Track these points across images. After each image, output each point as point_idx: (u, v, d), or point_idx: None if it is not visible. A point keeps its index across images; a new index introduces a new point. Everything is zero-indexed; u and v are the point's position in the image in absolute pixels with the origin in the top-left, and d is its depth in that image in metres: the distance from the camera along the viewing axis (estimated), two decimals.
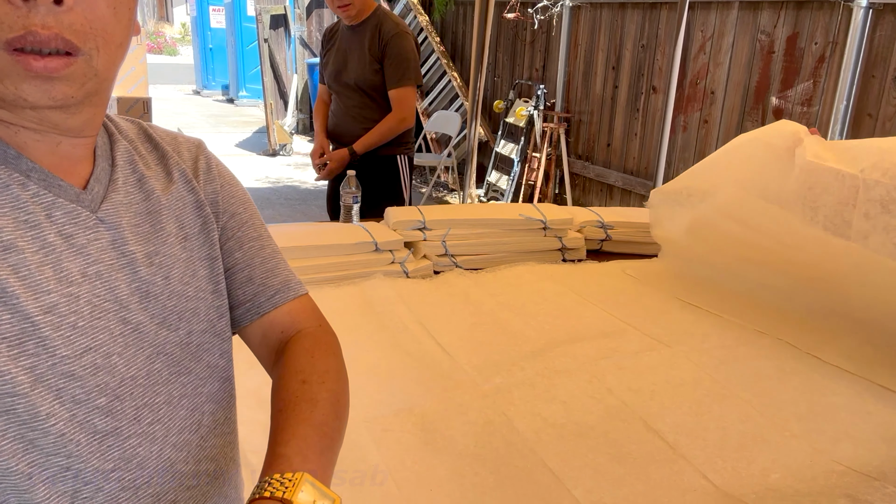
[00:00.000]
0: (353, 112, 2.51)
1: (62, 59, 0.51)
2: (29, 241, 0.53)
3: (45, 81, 0.51)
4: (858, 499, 1.00)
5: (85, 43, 0.52)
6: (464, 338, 1.45)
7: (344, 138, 2.53)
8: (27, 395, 0.50)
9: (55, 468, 0.52)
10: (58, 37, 0.50)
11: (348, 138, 2.51)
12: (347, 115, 2.53)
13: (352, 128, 2.52)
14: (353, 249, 1.73)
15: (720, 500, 1.01)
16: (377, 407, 1.19)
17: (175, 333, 0.63)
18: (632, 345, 1.47)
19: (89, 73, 0.53)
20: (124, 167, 0.63)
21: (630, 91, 4.42)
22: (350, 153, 2.46)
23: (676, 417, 1.21)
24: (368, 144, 2.46)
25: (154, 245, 0.62)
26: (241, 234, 0.72)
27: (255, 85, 10.31)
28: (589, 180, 4.90)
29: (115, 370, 0.57)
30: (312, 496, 0.52)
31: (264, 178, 6.33)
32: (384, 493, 0.99)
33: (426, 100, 6.40)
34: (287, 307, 0.73)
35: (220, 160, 0.76)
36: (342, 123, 2.55)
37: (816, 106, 3.20)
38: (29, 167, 0.54)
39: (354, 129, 2.51)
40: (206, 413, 0.66)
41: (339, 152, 2.48)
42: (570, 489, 1.02)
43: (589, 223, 2.12)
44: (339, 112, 2.57)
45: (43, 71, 0.50)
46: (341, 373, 0.70)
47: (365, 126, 2.48)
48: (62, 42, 0.50)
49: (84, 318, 0.55)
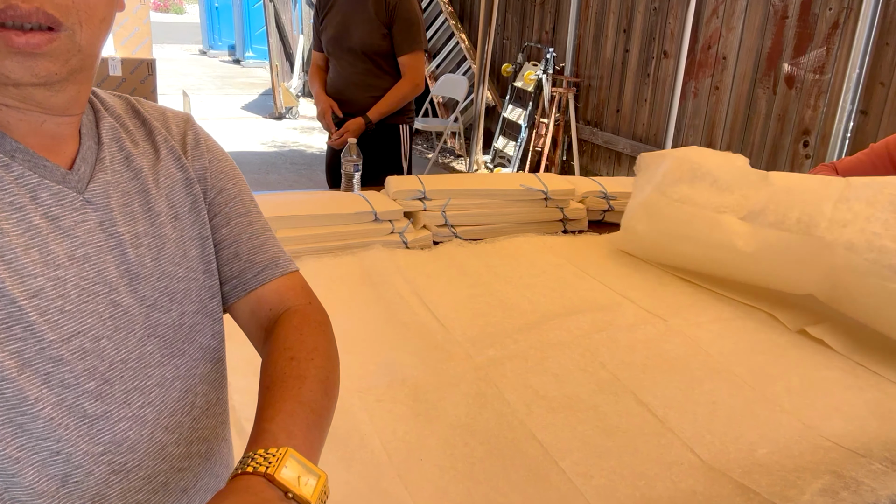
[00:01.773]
0: (357, 79, 2.43)
1: (44, 34, 0.50)
2: (14, 223, 0.52)
3: (27, 58, 0.50)
4: (843, 475, 1.01)
5: (67, 17, 0.51)
6: (459, 309, 1.45)
7: (346, 107, 2.46)
8: (14, 380, 0.50)
9: (45, 452, 0.53)
10: (39, 11, 0.49)
11: (352, 107, 2.44)
12: (351, 83, 2.45)
13: (356, 96, 2.44)
14: (353, 219, 1.73)
15: (706, 473, 1.03)
16: (370, 377, 1.20)
17: (167, 315, 0.62)
18: (627, 318, 1.47)
19: (73, 49, 0.52)
20: (111, 145, 0.62)
21: (641, 55, 4.34)
22: (366, 121, 2.39)
23: (667, 391, 1.22)
24: (383, 112, 2.40)
25: (143, 225, 0.62)
26: (229, 209, 0.71)
27: (261, 45, 10.20)
28: (597, 147, 4.85)
29: (104, 354, 0.56)
30: (296, 472, 0.51)
31: (270, 141, 6.30)
32: (375, 461, 1.01)
33: (433, 62, 6.31)
34: (275, 284, 0.72)
35: (209, 134, 0.75)
36: (345, 91, 2.47)
37: (829, 74, 3.13)
38: (13, 147, 0.54)
39: (359, 97, 2.43)
40: (198, 394, 0.66)
41: (355, 121, 2.40)
42: (557, 461, 1.03)
43: (591, 194, 2.10)
44: (340, 79, 2.48)
45: (25, 47, 0.49)
46: (331, 351, 0.69)
47: (371, 94, 2.41)
48: (43, 16, 0.49)
49: (71, 302, 0.54)
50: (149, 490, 0.60)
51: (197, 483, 0.66)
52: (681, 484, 1.00)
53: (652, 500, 0.97)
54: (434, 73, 6.27)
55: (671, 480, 1.01)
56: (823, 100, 3.18)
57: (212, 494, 0.68)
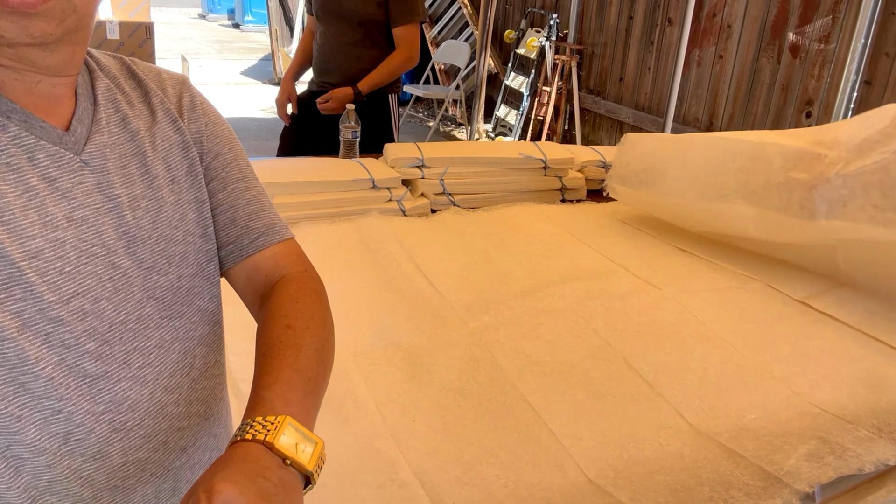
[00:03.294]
0: (346, 49, 2.33)
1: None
2: (11, 184, 0.52)
3: (22, 17, 0.50)
4: (829, 441, 1.02)
5: None
6: (455, 277, 1.46)
7: (333, 76, 2.36)
8: (15, 340, 0.51)
9: (47, 411, 0.54)
10: None
11: (339, 77, 2.34)
12: (339, 52, 2.33)
13: (343, 65, 2.34)
14: (350, 186, 1.73)
15: (693, 437, 1.05)
16: (366, 341, 1.22)
17: (165, 278, 0.63)
18: (621, 287, 1.48)
19: (68, 10, 0.52)
20: (106, 106, 0.62)
21: (645, 23, 4.27)
22: (355, 92, 2.31)
23: (658, 358, 1.24)
24: (373, 84, 2.33)
25: (141, 188, 0.62)
26: (225, 174, 0.71)
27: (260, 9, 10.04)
28: (599, 116, 4.81)
29: (103, 315, 0.57)
30: (294, 439, 0.52)
31: (270, 108, 6.24)
32: (369, 422, 1.03)
33: (434, 28, 6.22)
34: (271, 251, 0.72)
35: (205, 97, 0.74)
36: (332, 60, 2.35)
37: (834, 43, 3.09)
38: (9, 108, 0.54)
39: (346, 67, 2.33)
40: (197, 356, 0.67)
41: (342, 90, 2.32)
42: (547, 423, 1.05)
43: (590, 163, 2.10)
44: (328, 47, 2.35)
45: (20, 6, 0.49)
46: (326, 319, 0.70)
47: (360, 66, 2.32)
48: None
49: (70, 264, 0.55)
50: (149, 448, 0.61)
51: (196, 442, 0.67)
52: (668, 447, 1.02)
53: (639, 461, 0.99)
54: (435, 39, 6.19)
55: (659, 443, 1.03)
56: (828, 70, 3.14)
57: (210, 452, 0.70)
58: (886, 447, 1.00)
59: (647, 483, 0.94)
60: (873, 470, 0.95)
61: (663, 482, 0.95)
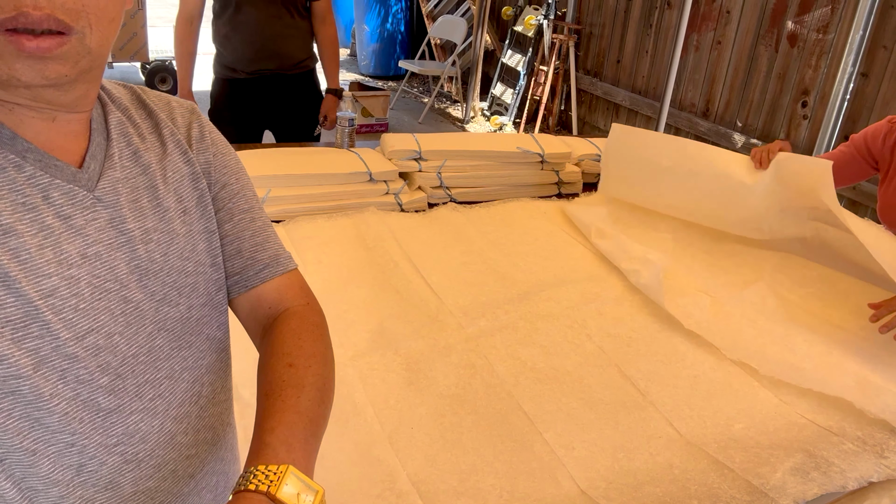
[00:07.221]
0: (286, 31, 2.17)
1: (55, 38, 0.50)
2: (27, 224, 0.53)
3: (38, 61, 0.50)
4: (814, 454, 1.05)
5: (77, 21, 0.51)
6: (452, 278, 1.48)
7: (280, 61, 2.20)
8: (31, 378, 0.52)
9: (60, 444, 0.55)
10: (50, 17, 0.49)
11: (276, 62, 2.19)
12: (279, 36, 2.17)
13: (286, 46, 2.18)
14: (347, 179, 1.73)
15: (683, 447, 1.08)
16: (364, 345, 1.24)
17: (175, 309, 0.63)
18: (615, 290, 1.50)
19: (82, 52, 0.52)
20: (118, 140, 0.63)
21: (644, 4, 4.24)
22: (337, 93, 2.28)
23: (650, 365, 1.26)
24: (337, 72, 2.30)
25: (152, 221, 0.62)
26: (232, 205, 0.72)
27: None
28: (596, 98, 4.79)
29: (116, 349, 0.58)
30: (297, 489, 0.54)
31: None
32: (368, 429, 1.05)
33: (431, 2, 6.13)
34: (275, 282, 0.73)
35: (213, 126, 0.75)
36: (270, 42, 2.16)
37: (832, 34, 3.08)
38: (25, 147, 0.54)
39: (289, 47, 2.19)
40: (205, 384, 0.68)
41: (330, 102, 2.29)
42: (541, 432, 1.08)
43: (587, 157, 2.10)
44: (257, 29, 2.15)
45: (36, 51, 0.49)
46: (327, 355, 0.71)
47: (298, 45, 2.22)
48: (54, 22, 0.49)
49: (85, 300, 0.56)
50: (158, 477, 0.63)
51: (203, 468, 0.69)
52: (658, 457, 1.05)
53: (630, 472, 1.02)
54: (432, 13, 6.10)
55: (649, 454, 1.06)
56: (825, 60, 3.14)
57: (217, 476, 0.72)
58: (869, 463, 1.03)
59: (637, 494, 0.97)
60: (856, 486, 0.99)
61: (653, 494, 0.98)
